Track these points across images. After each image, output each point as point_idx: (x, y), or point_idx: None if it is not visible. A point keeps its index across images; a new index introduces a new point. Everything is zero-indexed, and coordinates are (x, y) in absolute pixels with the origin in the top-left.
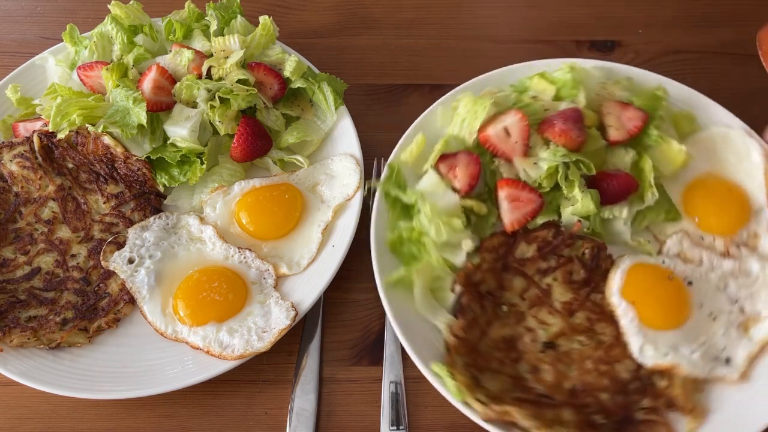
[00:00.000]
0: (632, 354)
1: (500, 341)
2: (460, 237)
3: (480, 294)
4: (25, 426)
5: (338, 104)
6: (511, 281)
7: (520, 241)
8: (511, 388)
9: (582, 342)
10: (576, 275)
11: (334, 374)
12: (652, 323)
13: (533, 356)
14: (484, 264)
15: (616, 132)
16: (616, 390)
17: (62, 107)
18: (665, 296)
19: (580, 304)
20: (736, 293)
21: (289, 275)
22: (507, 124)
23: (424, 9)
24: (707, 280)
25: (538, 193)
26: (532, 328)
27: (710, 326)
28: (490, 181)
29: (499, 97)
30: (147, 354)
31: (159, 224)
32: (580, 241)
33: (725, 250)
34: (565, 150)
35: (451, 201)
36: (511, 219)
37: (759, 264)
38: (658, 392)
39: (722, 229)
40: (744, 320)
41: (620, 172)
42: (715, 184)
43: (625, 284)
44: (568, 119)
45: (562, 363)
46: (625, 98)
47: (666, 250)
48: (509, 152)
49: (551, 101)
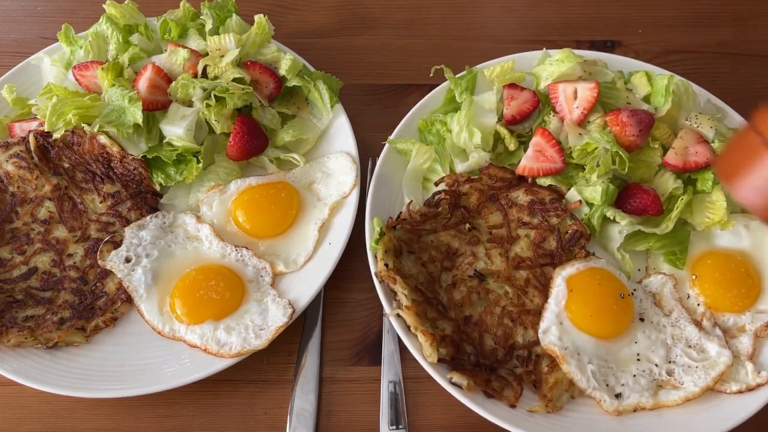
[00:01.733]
0: (538, 329)
1: (443, 246)
2: (475, 151)
3: (456, 203)
4: (25, 426)
5: (334, 102)
6: (490, 212)
7: (521, 186)
8: (422, 281)
9: (507, 292)
10: (547, 244)
11: (334, 374)
12: (574, 317)
13: (460, 274)
14: (478, 183)
15: (674, 156)
16: (502, 344)
17: (58, 107)
18: (604, 307)
19: (531, 267)
20: (677, 357)
21: (286, 273)
22: (579, 88)
23: (424, 9)
24: (660, 329)
25: (562, 158)
26: (477, 256)
27: (628, 362)
28: (535, 127)
29: (596, 69)
30: (144, 353)
31: (156, 223)
32: (570, 220)
33: (700, 319)
34: (614, 140)
35: (490, 121)
36: (526, 165)
37: (718, 351)
38: (535, 370)
39: (716, 303)
40: (663, 381)
41: (652, 190)
42: (740, 265)
43: (578, 274)
44: (636, 118)
45: (477, 295)
46: (709, 137)
47: (647, 282)
48: (566, 112)
49: (639, 99)
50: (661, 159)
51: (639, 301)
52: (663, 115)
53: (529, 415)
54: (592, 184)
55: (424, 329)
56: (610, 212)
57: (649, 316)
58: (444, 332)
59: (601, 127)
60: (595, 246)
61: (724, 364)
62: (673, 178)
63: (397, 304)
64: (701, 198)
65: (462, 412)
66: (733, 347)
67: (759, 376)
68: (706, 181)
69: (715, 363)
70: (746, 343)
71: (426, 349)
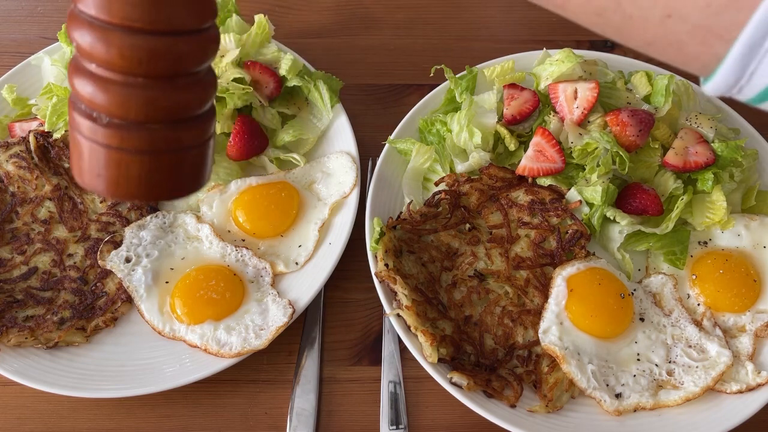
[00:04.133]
0: (538, 329)
1: (444, 246)
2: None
3: (456, 203)
4: (25, 426)
5: (334, 102)
6: (490, 212)
7: (522, 186)
8: (422, 281)
9: (507, 292)
10: (547, 244)
11: (334, 374)
12: (574, 317)
13: (460, 274)
14: (478, 183)
15: (674, 156)
16: (502, 344)
17: (58, 107)
18: (604, 307)
19: (531, 267)
20: (677, 357)
21: (286, 273)
22: (579, 88)
23: (424, 9)
24: (660, 329)
25: (562, 158)
26: (478, 256)
27: (628, 362)
28: (535, 127)
29: (596, 69)
30: (145, 353)
31: (156, 223)
32: (570, 220)
33: (700, 319)
34: (614, 140)
35: (490, 121)
36: (526, 165)
37: (718, 351)
38: (535, 370)
39: (716, 303)
40: (663, 381)
41: (652, 190)
42: (740, 264)
43: (578, 274)
44: (636, 118)
45: (477, 295)
46: (709, 137)
47: (647, 282)
48: (566, 112)
49: (639, 99)
50: (661, 159)
51: (639, 301)
52: (663, 115)
53: (529, 415)
54: (593, 184)
55: (424, 329)
56: (610, 212)
57: (649, 316)
58: (444, 332)
59: (601, 127)
60: (595, 246)
61: (724, 364)
62: (673, 178)
63: (397, 304)
64: (701, 198)
65: (462, 412)
66: (733, 347)
67: (759, 376)
68: (706, 181)
69: (716, 363)
70: (746, 343)
71: (426, 349)
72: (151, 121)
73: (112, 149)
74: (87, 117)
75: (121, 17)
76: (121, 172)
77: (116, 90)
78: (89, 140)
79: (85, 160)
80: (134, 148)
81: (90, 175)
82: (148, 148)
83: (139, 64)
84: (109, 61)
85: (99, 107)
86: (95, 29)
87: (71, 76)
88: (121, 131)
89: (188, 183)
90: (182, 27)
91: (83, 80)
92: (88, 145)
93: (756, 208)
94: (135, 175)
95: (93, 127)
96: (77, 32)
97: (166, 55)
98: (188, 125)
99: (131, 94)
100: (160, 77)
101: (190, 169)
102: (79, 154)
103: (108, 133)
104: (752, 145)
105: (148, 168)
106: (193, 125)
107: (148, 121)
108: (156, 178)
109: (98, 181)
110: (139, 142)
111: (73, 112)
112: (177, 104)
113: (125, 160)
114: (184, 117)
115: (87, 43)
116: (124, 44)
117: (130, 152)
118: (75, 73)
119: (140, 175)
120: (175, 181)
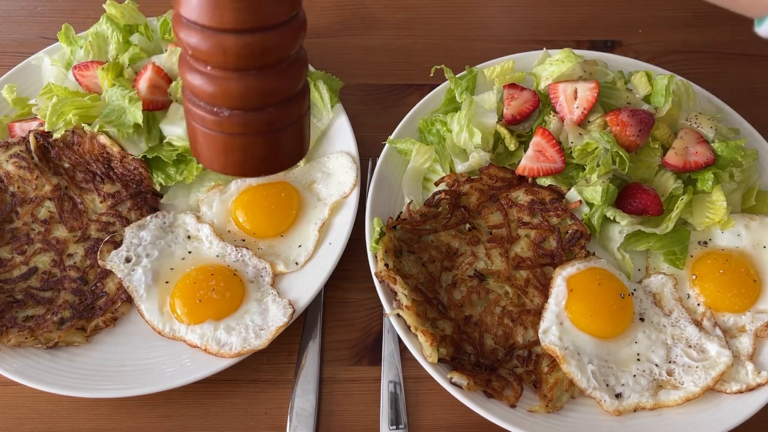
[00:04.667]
0: (538, 329)
1: (444, 246)
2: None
3: (456, 203)
4: (25, 426)
5: (334, 102)
6: (490, 212)
7: (522, 186)
8: (422, 281)
9: (507, 292)
10: (547, 244)
11: (334, 374)
12: (574, 317)
13: (460, 274)
14: (478, 183)
15: (674, 156)
16: (502, 344)
17: (58, 107)
18: (604, 307)
19: (531, 267)
20: (677, 357)
21: (286, 273)
22: (579, 88)
23: (424, 9)
24: (660, 329)
25: (562, 158)
26: (477, 256)
27: (628, 362)
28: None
29: (596, 69)
30: (144, 353)
31: (156, 223)
32: (570, 220)
33: (700, 319)
34: (614, 140)
35: (490, 121)
36: (526, 165)
37: (718, 351)
38: (535, 370)
39: (716, 303)
40: (663, 381)
41: (652, 190)
42: (740, 264)
43: (578, 274)
44: (636, 118)
45: (477, 295)
46: (709, 137)
47: (647, 282)
48: (566, 112)
49: (639, 99)
50: (661, 159)
51: (639, 301)
52: (663, 115)
53: (529, 415)
54: (593, 184)
55: (424, 329)
56: (610, 212)
57: (649, 316)
58: (444, 332)
59: (601, 127)
60: (595, 246)
61: (724, 364)
62: (673, 178)
63: (397, 304)
64: (701, 198)
65: (462, 412)
66: (733, 347)
67: (759, 376)
68: (706, 181)
69: (715, 363)
70: (746, 343)
71: (426, 349)
72: (268, 105)
73: (236, 135)
74: (209, 112)
75: (232, 23)
76: (246, 154)
77: (235, 86)
78: (214, 131)
79: (211, 148)
80: (256, 131)
81: (218, 161)
82: (267, 129)
83: (253, 59)
84: (226, 62)
85: (221, 103)
86: (208, 36)
87: (185, 76)
88: (242, 119)
89: (300, 151)
90: (283, 18)
91: (202, 81)
92: (212, 135)
93: (756, 208)
94: (258, 155)
95: (217, 120)
96: (188, 37)
97: (275, 46)
98: (294, 101)
99: (248, 86)
100: (268, 66)
101: (300, 138)
102: (205, 143)
103: (232, 122)
104: (752, 145)
105: (269, 146)
106: (297, 100)
107: (266, 106)
108: (275, 153)
109: (226, 164)
110: (260, 125)
111: (192, 108)
112: (286, 85)
113: (249, 143)
114: (292, 94)
115: (203, 50)
116: (239, 45)
117: (252, 135)
118: (190, 75)
119: (263, 153)
120: (291, 152)
